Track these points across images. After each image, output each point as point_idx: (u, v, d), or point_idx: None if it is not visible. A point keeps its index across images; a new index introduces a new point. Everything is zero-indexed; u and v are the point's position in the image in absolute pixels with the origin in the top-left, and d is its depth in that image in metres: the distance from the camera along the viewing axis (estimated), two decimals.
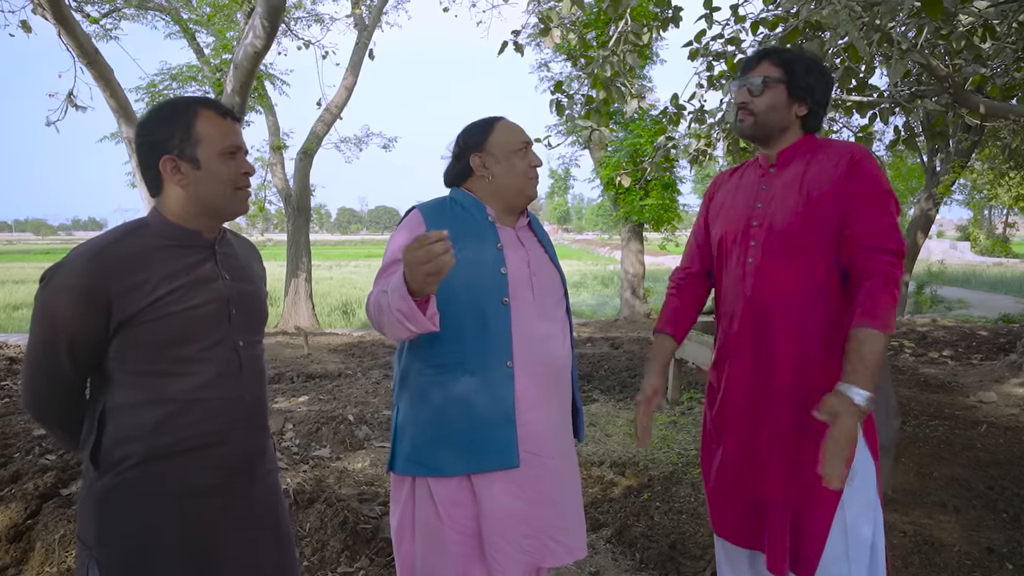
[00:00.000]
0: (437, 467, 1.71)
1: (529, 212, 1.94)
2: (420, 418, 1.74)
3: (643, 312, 13.84)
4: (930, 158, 11.57)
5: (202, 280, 1.43)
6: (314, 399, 5.57)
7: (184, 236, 1.44)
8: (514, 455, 1.70)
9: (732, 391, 1.86)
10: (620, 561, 2.89)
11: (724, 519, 1.90)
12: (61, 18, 6.16)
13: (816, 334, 1.72)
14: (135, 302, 1.34)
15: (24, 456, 3.66)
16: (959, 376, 6.47)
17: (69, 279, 1.33)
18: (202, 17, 11.96)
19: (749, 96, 1.81)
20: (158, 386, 1.38)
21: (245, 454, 1.51)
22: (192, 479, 1.41)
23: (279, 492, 1.63)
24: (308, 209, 13.32)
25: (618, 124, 12.63)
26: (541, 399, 1.76)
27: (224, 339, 1.46)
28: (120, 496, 1.37)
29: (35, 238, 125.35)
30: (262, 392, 1.57)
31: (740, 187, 1.93)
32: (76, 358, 1.37)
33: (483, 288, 1.72)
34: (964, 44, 3.24)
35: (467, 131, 1.85)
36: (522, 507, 1.72)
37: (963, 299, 18.46)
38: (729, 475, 1.87)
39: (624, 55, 4.14)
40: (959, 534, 3.03)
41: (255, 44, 6.27)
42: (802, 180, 1.76)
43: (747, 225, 1.84)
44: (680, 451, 4.25)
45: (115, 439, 1.37)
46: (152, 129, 1.42)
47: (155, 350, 1.37)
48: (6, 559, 2.78)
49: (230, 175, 1.45)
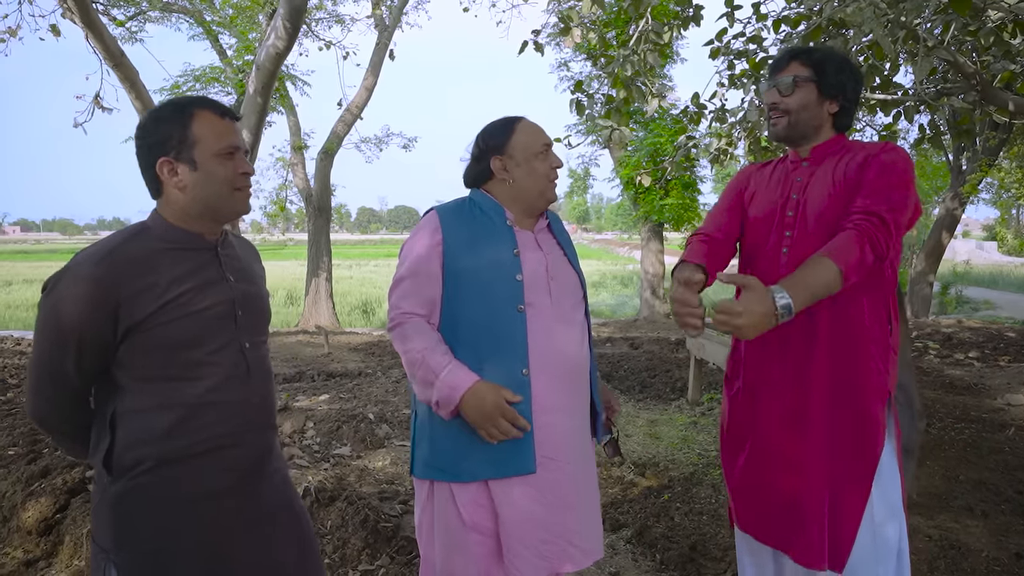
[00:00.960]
0: (456, 473, 1.72)
1: (549, 212, 1.92)
2: (438, 424, 1.74)
3: (663, 312, 13.77)
4: (956, 157, 11.39)
5: (209, 283, 1.43)
6: (334, 398, 5.61)
7: (187, 239, 1.43)
8: (531, 461, 1.70)
9: (759, 384, 1.84)
10: (640, 562, 2.88)
11: (750, 515, 1.88)
12: (89, 22, 6.28)
13: (851, 326, 1.71)
14: (144, 306, 1.33)
15: (53, 451, 3.73)
16: (986, 378, 6.36)
17: (76, 285, 1.31)
18: (225, 19, 12.10)
19: (779, 96, 1.80)
20: (168, 391, 1.37)
21: (256, 455, 1.51)
22: (206, 482, 1.41)
23: (291, 489, 1.64)
24: (328, 209, 13.43)
25: (638, 123, 12.58)
26: (558, 403, 1.75)
27: (231, 341, 1.45)
28: (135, 500, 1.37)
29: (62, 238, 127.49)
30: (269, 392, 1.57)
31: (773, 178, 1.92)
32: (82, 365, 1.35)
33: (498, 296, 1.72)
34: (993, 40, 3.18)
35: (487, 132, 1.83)
36: (540, 512, 1.72)
37: (989, 300, 18.14)
38: (757, 470, 1.85)
39: (644, 54, 4.12)
40: (987, 539, 2.97)
41: (277, 45, 6.33)
42: (835, 173, 1.76)
43: (781, 215, 1.83)
44: (701, 452, 4.22)
45: (127, 444, 1.36)
46: (150, 131, 1.40)
47: (165, 354, 1.36)
48: (36, 552, 2.84)
49: (227, 176, 1.42)
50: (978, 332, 9.46)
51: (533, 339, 1.72)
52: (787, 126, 1.81)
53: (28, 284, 23.89)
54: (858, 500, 1.69)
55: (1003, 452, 4.12)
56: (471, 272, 1.72)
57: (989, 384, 6.08)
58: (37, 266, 34.49)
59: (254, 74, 6.76)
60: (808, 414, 1.75)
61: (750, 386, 1.86)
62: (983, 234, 51.00)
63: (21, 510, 3.02)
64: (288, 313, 16.68)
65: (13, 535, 2.94)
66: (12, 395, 5.39)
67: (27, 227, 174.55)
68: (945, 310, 15.97)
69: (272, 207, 14.52)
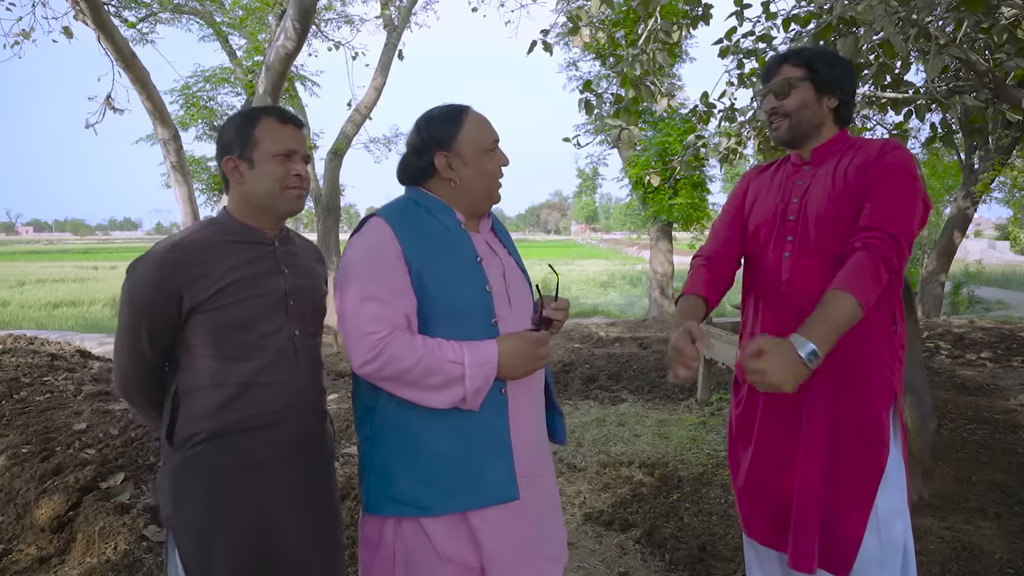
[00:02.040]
0: (425, 506, 1.53)
1: (490, 212, 1.75)
2: (403, 454, 1.55)
3: (672, 312, 13.74)
4: (968, 155, 11.29)
5: (263, 273, 1.58)
6: (343, 397, 5.63)
7: (247, 232, 1.60)
8: (513, 488, 1.57)
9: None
10: (650, 562, 2.87)
11: (754, 519, 1.88)
12: (101, 23, 6.32)
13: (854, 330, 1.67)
14: (203, 290, 1.49)
15: (65, 450, 3.76)
16: (998, 379, 6.31)
17: (146, 271, 1.50)
18: (235, 20, 12.17)
19: (777, 100, 1.80)
20: (222, 369, 1.53)
21: (303, 435, 1.64)
22: (254, 455, 1.55)
23: (332, 475, 1.76)
24: (338, 209, 13.46)
25: (647, 123, 12.55)
26: (525, 417, 1.64)
27: (281, 328, 1.59)
28: (190, 470, 1.53)
29: (74, 238, 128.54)
30: (318, 379, 1.71)
31: (774, 182, 1.91)
32: (154, 342, 1.53)
33: (471, 311, 1.56)
34: (1006, 37, 3.15)
35: (430, 123, 1.61)
36: (520, 534, 1.61)
37: (1002, 300, 17.99)
38: (758, 473, 1.85)
39: (654, 53, 4.11)
40: (1000, 541, 2.95)
41: (286, 46, 6.35)
42: (835, 175, 1.75)
43: (782, 220, 1.82)
44: (710, 452, 4.21)
45: (186, 419, 1.53)
46: (223, 133, 1.60)
47: (220, 335, 1.52)
48: (49, 549, 2.87)
49: (278, 175, 1.58)
50: (990, 332, 9.38)
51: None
52: (789, 128, 1.80)
53: (40, 284, 24.09)
54: (863, 506, 1.68)
55: (1016, 453, 4.09)
56: (438, 286, 1.53)
57: (1002, 385, 6.03)
58: (49, 266, 34.79)
59: (263, 75, 6.78)
60: (808, 416, 1.74)
61: (753, 388, 1.85)
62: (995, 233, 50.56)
63: (35, 507, 3.05)
64: None
65: (27, 532, 2.97)
66: (26, 394, 5.43)
67: (40, 227, 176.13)
68: (957, 310, 15.85)
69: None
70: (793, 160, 1.88)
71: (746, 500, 1.90)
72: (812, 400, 1.73)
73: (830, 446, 1.72)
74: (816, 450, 1.72)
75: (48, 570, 2.75)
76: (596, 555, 2.95)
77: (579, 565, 2.86)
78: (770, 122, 1.84)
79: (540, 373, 1.70)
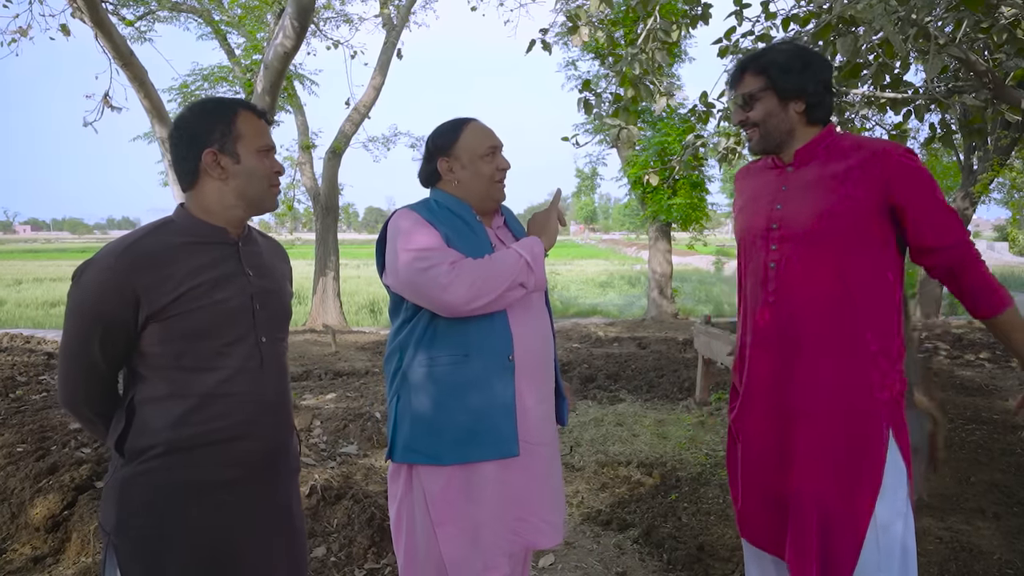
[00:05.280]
0: (435, 455, 1.76)
1: (505, 209, 1.99)
2: (422, 407, 1.78)
3: (670, 312, 13.73)
4: (967, 156, 11.29)
5: (226, 276, 1.47)
6: (341, 396, 5.62)
7: (209, 233, 1.48)
8: (515, 444, 1.78)
9: (754, 394, 1.82)
10: (648, 562, 2.86)
11: (750, 523, 1.87)
12: (98, 21, 6.30)
13: (847, 337, 1.67)
14: (161, 296, 1.37)
15: (61, 448, 3.74)
16: (997, 379, 6.31)
17: (99, 275, 1.37)
18: (233, 18, 12.13)
19: (743, 112, 1.78)
20: (182, 380, 1.42)
21: (267, 450, 1.53)
22: (212, 472, 1.44)
23: (297, 493, 1.67)
24: (336, 208, 13.45)
25: (646, 123, 12.55)
26: (534, 390, 1.84)
27: (247, 335, 1.49)
28: (140, 485, 1.41)
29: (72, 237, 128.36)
30: (285, 389, 1.60)
31: (759, 186, 1.87)
32: (107, 351, 1.41)
33: None
34: (1006, 37, 3.14)
35: (435, 134, 1.89)
36: (516, 491, 1.81)
37: None
38: (754, 477, 1.83)
39: (653, 53, 4.09)
40: (999, 541, 2.94)
41: (285, 44, 6.33)
42: (822, 179, 1.70)
43: (767, 228, 1.78)
44: (708, 452, 4.20)
45: (140, 430, 1.41)
46: (193, 122, 1.47)
47: (182, 344, 1.41)
48: (44, 548, 2.85)
49: (266, 171, 1.51)
50: (989, 333, 9.37)
51: (514, 329, 1.79)
52: (760, 138, 1.77)
53: (38, 283, 24.07)
54: (861, 516, 1.66)
55: (1015, 454, 4.08)
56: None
57: (1000, 385, 6.03)
58: (47, 265, 34.75)
59: (262, 73, 6.76)
60: (805, 422, 1.72)
61: (750, 391, 1.84)
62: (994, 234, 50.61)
63: (29, 507, 3.04)
64: (296, 312, 16.69)
65: (21, 531, 2.96)
66: (21, 392, 5.42)
67: (38, 226, 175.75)
68: (955, 311, 15.83)
69: (280, 206, 14.55)
70: (776, 162, 1.83)
71: (743, 504, 1.88)
72: (809, 406, 1.71)
73: (827, 454, 1.69)
74: (813, 457, 1.70)
75: (42, 570, 2.74)
76: (594, 555, 2.94)
77: (577, 565, 2.85)
78: (744, 132, 1.82)
79: (549, 353, 1.91)
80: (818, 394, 1.70)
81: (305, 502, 3.09)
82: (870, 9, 2.90)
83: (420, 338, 1.79)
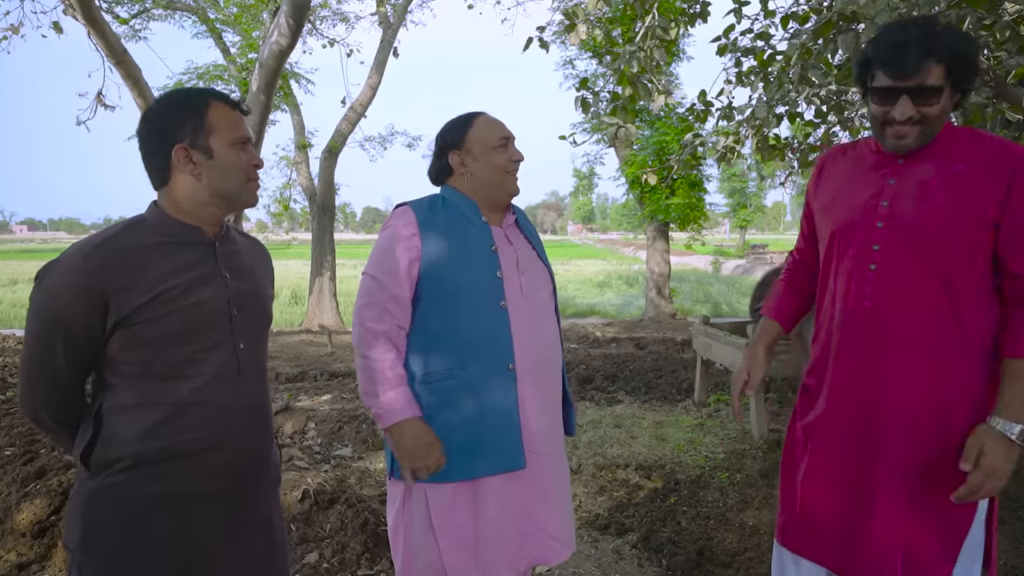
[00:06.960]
0: (440, 473, 1.70)
1: (516, 208, 1.94)
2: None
3: (668, 312, 13.70)
4: None
5: (202, 278, 1.38)
6: (337, 398, 5.56)
7: (184, 232, 1.40)
8: (521, 457, 1.73)
9: (835, 405, 1.66)
10: (646, 567, 2.81)
11: (804, 536, 1.71)
12: (91, 19, 6.24)
13: (947, 357, 1.51)
14: (132, 300, 1.29)
15: (49, 452, 3.68)
16: None
17: (65, 276, 1.29)
18: (228, 17, 12.08)
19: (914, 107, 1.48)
20: (153, 388, 1.34)
21: (244, 462, 1.45)
22: (183, 485, 1.36)
23: (277, 504, 1.59)
24: (333, 208, 13.38)
25: (644, 121, 12.51)
26: (538, 398, 1.79)
27: (224, 340, 1.41)
28: (106, 499, 1.33)
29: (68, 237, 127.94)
30: (263, 397, 1.52)
31: (857, 175, 1.66)
32: (71, 356, 1.33)
33: (480, 292, 1.73)
34: (1009, 35, 3.10)
35: (446, 128, 1.86)
36: (523, 505, 1.76)
37: None
38: (821, 493, 1.67)
39: (651, 51, 4.05)
40: (1004, 546, 2.90)
41: (280, 43, 6.29)
42: (942, 178, 1.51)
43: (869, 225, 1.58)
44: (707, 454, 4.16)
45: (107, 441, 1.33)
46: (161, 117, 1.38)
47: (152, 350, 1.33)
48: (30, 555, 2.79)
49: (243, 165, 1.42)
50: None
51: (516, 335, 1.74)
52: (920, 135, 1.51)
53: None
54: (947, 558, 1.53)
55: (1021, 459, 4.03)
56: (451, 269, 1.73)
57: None
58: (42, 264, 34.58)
59: (257, 72, 6.72)
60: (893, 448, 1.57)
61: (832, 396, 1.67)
62: None
63: (15, 512, 2.97)
64: (292, 312, 16.64)
65: (7, 537, 2.89)
66: (12, 394, 5.35)
67: (34, 226, 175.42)
68: None
69: (276, 206, 14.49)
70: (879, 149, 1.62)
71: (798, 515, 1.72)
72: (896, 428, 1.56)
73: (922, 481, 1.55)
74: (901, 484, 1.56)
75: None
76: (592, 560, 2.89)
77: (575, 571, 2.80)
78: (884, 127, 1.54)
79: (554, 359, 1.84)
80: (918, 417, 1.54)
81: (297, 507, 3.04)
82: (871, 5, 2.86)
83: (413, 350, 1.76)
